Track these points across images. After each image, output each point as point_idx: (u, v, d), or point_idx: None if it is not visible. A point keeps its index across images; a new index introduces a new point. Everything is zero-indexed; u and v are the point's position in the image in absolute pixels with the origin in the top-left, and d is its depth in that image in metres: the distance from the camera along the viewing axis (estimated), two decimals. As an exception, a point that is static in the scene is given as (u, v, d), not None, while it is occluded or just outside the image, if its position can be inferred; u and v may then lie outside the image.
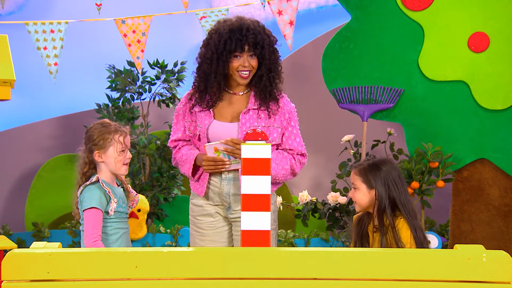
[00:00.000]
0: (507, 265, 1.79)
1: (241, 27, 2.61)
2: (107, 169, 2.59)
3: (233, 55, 2.62)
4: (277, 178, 2.70)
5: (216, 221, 2.75)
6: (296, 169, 2.74)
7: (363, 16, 4.08)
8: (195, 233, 2.78)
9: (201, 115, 2.70)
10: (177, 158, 2.80)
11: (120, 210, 2.59)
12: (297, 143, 2.75)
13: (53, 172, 5.08)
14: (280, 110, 2.71)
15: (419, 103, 4.04)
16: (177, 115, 2.81)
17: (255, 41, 2.61)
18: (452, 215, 4.13)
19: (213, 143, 2.58)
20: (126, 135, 2.62)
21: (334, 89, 4.11)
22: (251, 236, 1.95)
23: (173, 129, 2.84)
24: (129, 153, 2.62)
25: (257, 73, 2.67)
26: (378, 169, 2.47)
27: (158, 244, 4.63)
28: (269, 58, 2.65)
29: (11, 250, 1.82)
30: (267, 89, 2.67)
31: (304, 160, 2.77)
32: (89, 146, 2.58)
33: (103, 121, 2.64)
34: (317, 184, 5.25)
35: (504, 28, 3.91)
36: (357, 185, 2.51)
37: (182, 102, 2.79)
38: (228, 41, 2.60)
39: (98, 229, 2.48)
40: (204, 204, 2.74)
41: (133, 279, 1.81)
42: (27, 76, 4.74)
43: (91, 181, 2.54)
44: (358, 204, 2.52)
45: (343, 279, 1.81)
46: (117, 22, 4.39)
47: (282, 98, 2.74)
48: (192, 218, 2.80)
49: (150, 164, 4.88)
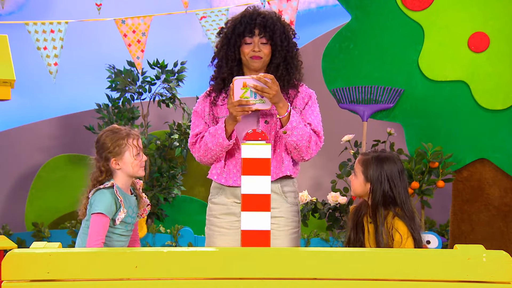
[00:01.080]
0: (507, 265, 1.80)
1: (253, 12, 2.60)
2: (123, 175, 2.56)
3: (243, 41, 2.58)
4: (298, 143, 2.54)
5: (240, 221, 2.65)
6: (312, 144, 2.58)
7: (363, 16, 4.08)
8: (214, 233, 2.66)
9: (222, 108, 2.65)
10: (204, 140, 2.61)
11: (127, 221, 2.55)
12: (316, 121, 2.63)
13: (53, 172, 5.08)
14: (299, 94, 2.66)
15: (419, 103, 4.04)
16: (195, 115, 2.71)
17: (265, 24, 2.56)
18: (452, 215, 4.13)
19: (243, 77, 2.49)
20: (139, 138, 2.60)
21: (334, 89, 4.11)
22: (251, 236, 1.95)
23: (193, 127, 2.71)
24: (144, 156, 2.60)
25: (273, 61, 2.62)
26: (379, 165, 2.46)
27: (158, 244, 4.63)
28: (281, 45, 2.60)
29: (11, 250, 1.82)
30: (285, 78, 2.61)
31: (319, 142, 2.63)
32: (105, 155, 2.53)
33: (112, 128, 2.60)
34: (317, 184, 5.25)
35: (504, 28, 3.91)
36: (357, 173, 2.51)
37: (200, 101, 2.72)
38: (238, 25, 2.58)
39: (102, 236, 2.45)
40: (230, 202, 2.64)
41: (133, 279, 1.81)
42: (27, 76, 4.74)
43: (105, 185, 2.51)
44: (353, 189, 2.54)
45: (343, 279, 1.81)
46: (117, 22, 4.40)
47: (301, 87, 2.69)
48: (210, 218, 2.68)
49: (150, 164, 4.89)
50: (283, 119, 2.51)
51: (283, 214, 2.63)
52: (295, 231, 2.68)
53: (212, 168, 2.69)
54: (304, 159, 2.63)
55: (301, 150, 2.57)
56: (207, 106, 2.68)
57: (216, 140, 2.55)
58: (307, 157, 2.60)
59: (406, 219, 2.40)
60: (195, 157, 2.70)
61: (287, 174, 2.62)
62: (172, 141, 4.83)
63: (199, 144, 2.64)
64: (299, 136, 2.53)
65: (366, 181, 2.47)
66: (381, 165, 2.46)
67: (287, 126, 2.51)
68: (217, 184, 2.68)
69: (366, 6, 4.06)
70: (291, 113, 2.51)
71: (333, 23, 5.20)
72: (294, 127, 2.51)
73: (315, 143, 2.60)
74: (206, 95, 2.72)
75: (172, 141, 4.83)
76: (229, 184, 2.63)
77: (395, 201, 2.43)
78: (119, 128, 2.59)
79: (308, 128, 2.58)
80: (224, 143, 2.55)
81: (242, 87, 2.47)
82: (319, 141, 2.63)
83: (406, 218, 2.41)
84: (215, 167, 2.67)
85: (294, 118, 2.52)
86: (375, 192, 2.44)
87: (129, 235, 2.60)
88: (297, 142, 2.54)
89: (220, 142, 2.55)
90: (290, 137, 2.53)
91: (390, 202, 2.43)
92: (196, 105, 2.73)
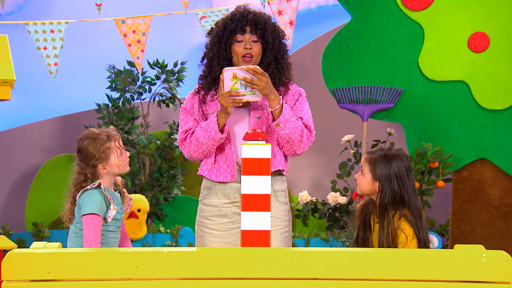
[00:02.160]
0: (507, 265, 1.80)
1: (244, 11, 2.62)
2: (108, 176, 2.57)
3: (234, 38, 2.59)
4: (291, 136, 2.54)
5: (232, 222, 2.63)
6: (304, 137, 2.58)
7: (363, 16, 4.08)
8: (206, 235, 2.66)
9: (212, 105, 2.65)
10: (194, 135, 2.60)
11: (118, 218, 2.57)
12: (306, 115, 2.64)
13: (53, 172, 5.08)
14: (289, 92, 2.67)
15: (419, 103, 4.04)
16: (184, 112, 2.70)
17: (256, 22, 2.58)
18: (452, 215, 4.13)
19: (233, 67, 2.49)
20: (119, 137, 2.60)
21: (334, 89, 4.11)
22: (251, 236, 1.95)
23: (181, 124, 2.70)
24: (127, 152, 2.61)
25: (264, 60, 2.63)
26: (388, 164, 2.45)
27: (158, 244, 4.63)
28: (273, 43, 2.61)
29: (11, 250, 1.82)
30: (276, 76, 2.62)
31: (311, 136, 2.63)
32: (92, 163, 2.54)
33: (90, 133, 2.58)
34: (317, 184, 5.25)
35: (504, 28, 3.91)
36: (364, 172, 2.49)
37: (188, 99, 2.71)
38: (229, 22, 2.59)
39: (99, 235, 2.47)
40: (221, 204, 2.64)
41: (133, 279, 1.81)
42: (27, 76, 4.74)
43: (92, 186, 2.52)
44: (360, 188, 2.52)
45: (343, 279, 1.81)
46: (117, 22, 4.40)
47: (291, 85, 2.70)
48: (202, 219, 2.68)
49: (150, 164, 4.89)
50: (275, 112, 2.51)
51: (274, 213, 2.62)
52: (286, 230, 2.67)
53: (202, 165, 2.68)
54: (296, 153, 2.62)
55: (293, 143, 2.56)
56: (196, 103, 2.68)
57: (208, 133, 2.54)
58: (299, 151, 2.60)
59: (412, 220, 2.40)
60: (184, 153, 2.68)
61: (280, 168, 2.61)
62: (172, 141, 4.83)
63: (190, 140, 2.63)
64: (292, 129, 2.53)
65: (374, 180, 2.46)
66: (389, 163, 2.45)
67: (279, 119, 2.50)
68: (207, 183, 2.68)
69: (366, 6, 4.06)
70: (284, 106, 2.52)
71: (333, 23, 5.19)
72: (287, 120, 2.51)
73: (307, 137, 2.60)
74: (194, 92, 2.71)
75: (172, 141, 4.83)
76: (219, 180, 2.62)
77: (403, 200, 2.42)
78: (97, 132, 2.58)
79: (300, 122, 2.58)
80: (216, 136, 2.54)
81: (232, 78, 2.47)
82: (311, 136, 2.63)
83: (413, 219, 2.40)
84: (205, 163, 2.67)
85: (287, 111, 2.52)
86: (384, 191, 2.43)
87: (119, 231, 2.62)
88: (289, 135, 2.53)
89: (212, 135, 2.54)
90: (283, 130, 2.52)
91: (398, 201, 2.42)
92: (185, 103, 2.72)
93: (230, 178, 2.61)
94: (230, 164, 2.61)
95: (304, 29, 5.24)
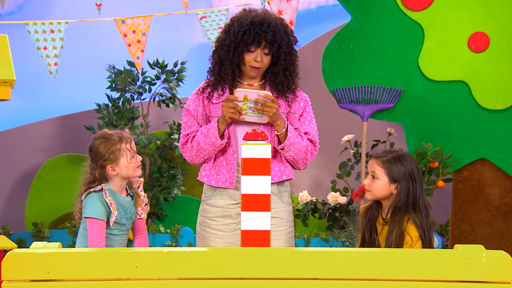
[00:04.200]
0: (507, 265, 1.79)
1: (263, 21, 2.54)
2: (118, 179, 2.56)
3: (248, 48, 2.56)
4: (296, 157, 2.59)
5: (236, 223, 2.61)
6: (308, 155, 2.64)
7: (363, 16, 4.08)
8: (209, 235, 2.64)
9: (216, 107, 2.63)
10: (195, 140, 2.60)
11: (122, 222, 2.55)
12: (312, 128, 2.67)
13: (53, 172, 5.08)
14: (297, 99, 2.67)
15: (419, 103, 4.04)
16: (187, 113, 2.68)
17: (273, 39, 2.54)
18: (452, 215, 4.13)
19: (245, 89, 2.51)
20: (131, 140, 2.58)
21: (334, 89, 4.11)
22: (251, 236, 1.95)
23: (184, 126, 2.69)
24: (139, 156, 2.60)
25: (270, 69, 2.62)
26: (403, 164, 2.45)
27: (158, 244, 4.63)
28: (284, 59, 2.59)
29: (11, 250, 1.82)
30: (284, 83, 2.62)
31: (315, 151, 2.67)
32: (101, 163, 2.53)
33: (103, 134, 2.58)
34: (317, 184, 5.25)
35: (504, 28, 3.91)
36: (378, 175, 2.47)
37: (192, 99, 2.68)
38: (247, 33, 2.54)
39: (103, 237, 2.47)
40: (226, 204, 2.62)
41: (133, 279, 1.81)
42: (27, 76, 4.74)
43: (95, 189, 2.51)
44: (372, 193, 2.49)
45: (343, 279, 1.81)
46: (117, 22, 4.40)
47: (298, 91, 2.70)
48: (205, 220, 2.65)
49: (150, 164, 4.89)
50: (280, 135, 2.56)
51: (279, 214, 2.64)
52: (290, 231, 2.69)
53: (202, 170, 2.69)
54: (300, 169, 2.71)
55: (298, 162, 2.65)
56: (200, 105, 2.66)
57: (209, 139, 2.55)
58: (302, 167, 2.69)
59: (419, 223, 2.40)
60: (185, 157, 2.68)
61: (291, 178, 2.68)
62: (172, 141, 4.83)
63: (191, 144, 2.63)
64: (297, 151, 2.59)
65: (391, 182, 2.46)
66: (404, 163, 2.46)
67: (285, 143, 2.55)
68: (210, 186, 2.67)
69: (366, 6, 4.06)
70: (288, 129, 2.56)
71: (333, 23, 5.20)
72: (292, 143, 2.57)
73: (311, 153, 2.67)
74: (198, 92, 2.69)
75: (172, 141, 4.83)
76: (219, 185, 2.62)
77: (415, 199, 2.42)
78: (110, 133, 2.57)
79: (305, 140, 2.62)
80: (217, 143, 2.55)
81: (242, 99, 2.50)
82: (315, 150, 2.69)
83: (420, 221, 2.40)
84: (205, 168, 2.67)
85: (292, 133, 2.56)
86: (403, 191, 2.43)
87: (125, 234, 2.61)
88: (294, 156, 2.60)
89: (213, 141, 2.54)
90: (288, 152, 2.58)
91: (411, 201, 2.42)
92: (188, 103, 2.69)
93: (229, 184, 2.61)
94: (230, 170, 2.61)
95: (304, 29, 5.24)
